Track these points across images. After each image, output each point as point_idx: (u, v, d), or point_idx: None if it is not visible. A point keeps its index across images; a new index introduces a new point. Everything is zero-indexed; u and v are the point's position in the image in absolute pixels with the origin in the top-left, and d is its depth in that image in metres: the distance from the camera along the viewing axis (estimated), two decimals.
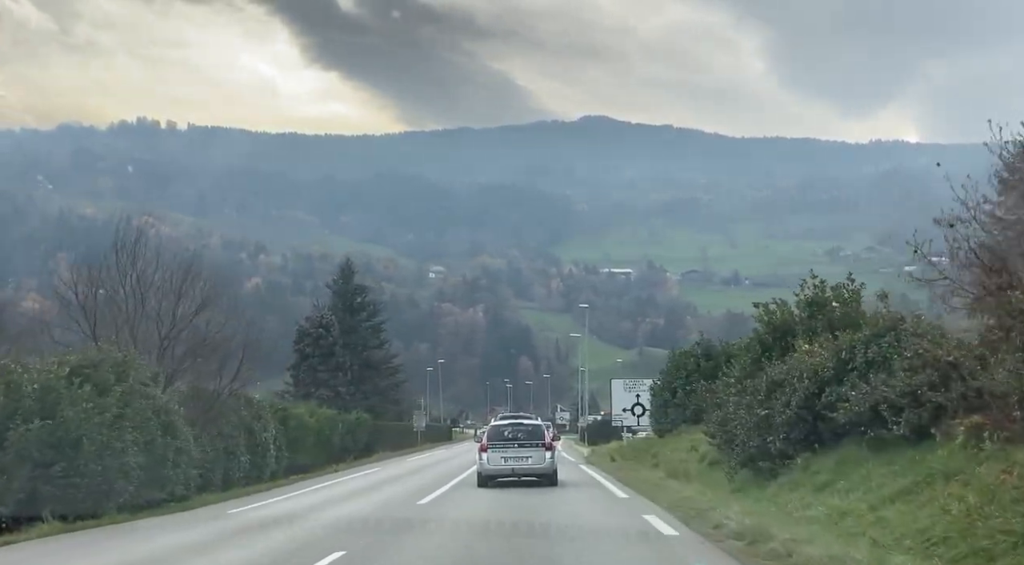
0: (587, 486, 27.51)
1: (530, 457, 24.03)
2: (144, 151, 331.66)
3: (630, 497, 22.80)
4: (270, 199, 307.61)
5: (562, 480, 26.57)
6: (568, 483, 27.07)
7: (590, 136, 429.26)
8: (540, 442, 24.38)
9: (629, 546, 14.18)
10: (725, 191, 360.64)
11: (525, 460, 24.07)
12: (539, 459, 24.13)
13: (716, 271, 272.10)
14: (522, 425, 25.77)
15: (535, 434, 24.74)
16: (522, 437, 24.40)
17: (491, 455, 24.08)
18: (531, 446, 24.19)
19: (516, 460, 24.03)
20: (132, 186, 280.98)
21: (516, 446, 24.07)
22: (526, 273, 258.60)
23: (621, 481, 27.97)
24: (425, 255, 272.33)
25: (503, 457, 23.99)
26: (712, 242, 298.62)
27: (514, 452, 23.98)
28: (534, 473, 24.27)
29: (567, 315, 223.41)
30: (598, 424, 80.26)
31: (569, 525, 16.39)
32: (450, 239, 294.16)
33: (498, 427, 25.62)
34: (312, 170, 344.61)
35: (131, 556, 14.87)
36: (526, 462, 24.10)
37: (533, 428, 25.27)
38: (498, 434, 24.75)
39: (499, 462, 24.07)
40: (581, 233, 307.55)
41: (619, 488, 25.60)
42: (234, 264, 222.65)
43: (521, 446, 24.09)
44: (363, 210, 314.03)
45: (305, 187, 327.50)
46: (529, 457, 24.02)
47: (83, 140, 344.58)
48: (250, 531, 17.22)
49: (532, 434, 24.71)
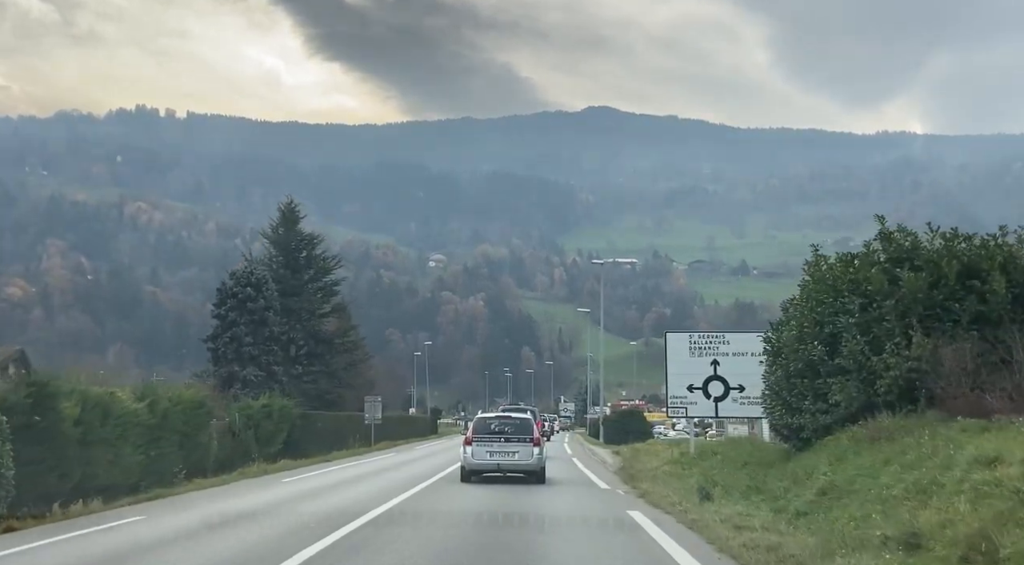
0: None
1: (516, 452, 22.98)
2: (142, 139, 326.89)
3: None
4: (269, 187, 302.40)
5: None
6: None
7: (594, 127, 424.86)
8: (528, 437, 23.20)
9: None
10: (731, 181, 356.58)
11: (511, 455, 23.01)
12: (526, 455, 22.99)
13: (723, 261, 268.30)
14: (510, 418, 24.81)
15: (523, 428, 23.59)
16: (509, 431, 23.31)
17: (476, 449, 23.08)
18: (518, 441, 23.09)
19: (502, 455, 22.99)
20: (128, 173, 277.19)
21: (502, 440, 23.03)
22: (529, 262, 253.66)
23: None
24: (427, 244, 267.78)
25: (488, 451, 22.99)
26: (719, 232, 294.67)
27: (500, 447, 22.96)
28: (520, 469, 23.20)
29: (571, 305, 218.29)
30: (618, 417, 65.87)
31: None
32: (452, 228, 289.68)
33: (484, 420, 24.83)
34: (313, 159, 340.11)
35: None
36: (512, 457, 23.03)
37: (521, 422, 24.12)
38: (484, 427, 23.79)
39: (484, 456, 23.03)
40: (586, 223, 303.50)
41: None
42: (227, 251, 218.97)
43: (508, 440, 23.04)
44: (364, 199, 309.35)
45: (305, 176, 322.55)
46: (516, 452, 22.98)
47: (80, 127, 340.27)
48: None
49: (520, 428, 23.58)
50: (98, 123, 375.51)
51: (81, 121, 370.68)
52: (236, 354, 44.12)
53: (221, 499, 19.67)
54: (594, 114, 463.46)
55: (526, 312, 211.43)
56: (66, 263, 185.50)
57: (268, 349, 45.33)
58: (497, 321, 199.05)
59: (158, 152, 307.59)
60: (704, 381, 28.21)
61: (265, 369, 44.69)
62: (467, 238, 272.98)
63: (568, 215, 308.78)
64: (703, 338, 29.79)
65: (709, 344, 28.88)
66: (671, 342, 29.67)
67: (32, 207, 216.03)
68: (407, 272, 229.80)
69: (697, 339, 29.53)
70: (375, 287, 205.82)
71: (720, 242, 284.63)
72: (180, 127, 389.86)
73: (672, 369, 28.72)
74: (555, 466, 29.02)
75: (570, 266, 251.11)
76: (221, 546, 12.43)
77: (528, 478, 23.23)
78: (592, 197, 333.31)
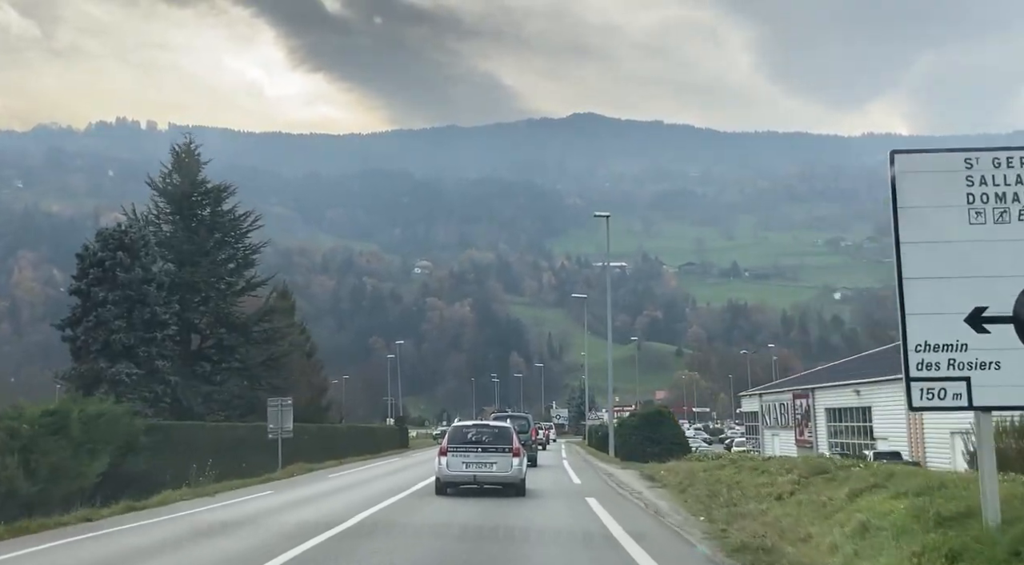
0: None
1: (495, 463, 21.39)
2: (122, 151, 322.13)
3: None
4: (250, 195, 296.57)
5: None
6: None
7: (580, 132, 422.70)
8: (507, 447, 21.59)
9: None
10: (719, 183, 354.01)
11: (489, 467, 21.37)
12: (505, 466, 21.33)
13: (714, 263, 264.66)
14: (488, 427, 23.24)
15: (502, 437, 21.95)
16: (487, 440, 21.74)
17: (451, 459, 21.46)
18: (496, 451, 21.48)
19: (479, 466, 21.35)
20: (107, 184, 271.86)
21: (479, 450, 21.52)
22: (516, 267, 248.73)
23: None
24: (412, 251, 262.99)
25: (464, 462, 21.41)
26: (708, 234, 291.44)
27: (477, 457, 21.41)
28: (498, 481, 21.39)
29: (560, 309, 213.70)
30: (639, 421, 45.30)
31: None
32: (438, 234, 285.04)
33: (461, 428, 23.09)
34: (296, 167, 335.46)
35: None
36: (490, 469, 21.37)
37: (500, 431, 22.44)
38: (460, 436, 22.16)
39: (459, 467, 21.44)
40: (573, 227, 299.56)
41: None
42: None
43: (485, 450, 21.50)
44: (348, 206, 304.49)
45: (288, 184, 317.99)
46: (494, 463, 21.39)
47: (59, 140, 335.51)
48: None
49: (499, 437, 21.94)
50: (77, 136, 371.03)
51: (61, 134, 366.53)
52: (104, 345, 31.39)
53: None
54: (579, 120, 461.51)
55: (514, 317, 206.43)
56: (37, 275, 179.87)
57: (149, 338, 32.31)
58: (484, 327, 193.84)
59: (139, 164, 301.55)
60: None
61: (145, 365, 32.10)
62: (453, 244, 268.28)
63: (555, 219, 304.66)
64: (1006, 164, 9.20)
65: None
66: (906, 181, 9.56)
67: (5, 220, 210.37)
68: (391, 279, 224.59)
69: (989, 167, 9.18)
70: (358, 294, 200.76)
71: (710, 244, 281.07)
72: (162, 139, 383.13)
73: (915, 262, 9.17)
74: (559, 515, 16.88)
75: (559, 270, 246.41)
76: None
77: (507, 490, 21.43)
78: (579, 201, 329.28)
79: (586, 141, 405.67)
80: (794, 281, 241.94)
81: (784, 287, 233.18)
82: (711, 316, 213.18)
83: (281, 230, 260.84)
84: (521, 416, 41.34)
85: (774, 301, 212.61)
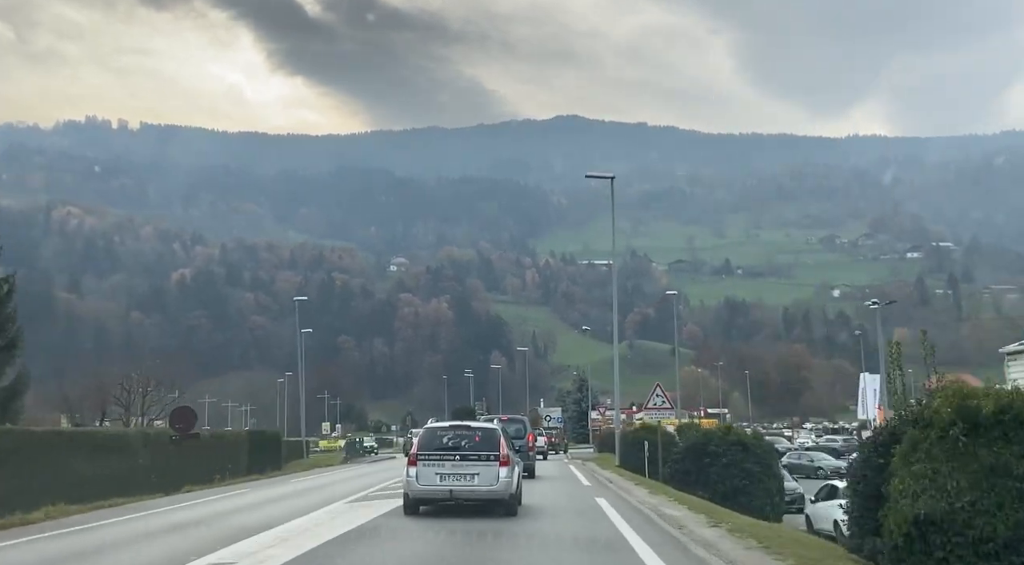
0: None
1: (477, 474, 16.25)
2: (89, 148, 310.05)
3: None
4: (222, 193, 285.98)
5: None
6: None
7: (565, 133, 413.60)
8: (493, 454, 16.42)
9: None
10: (708, 183, 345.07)
11: (470, 479, 16.24)
12: (489, 478, 16.26)
13: (705, 261, 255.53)
14: (468, 429, 17.57)
15: (486, 442, 16.66)
16: (466, 446, 16.52)
17: (422, 470, 16.30)
18: (479, 459, 16.29)
19: (457, 478, 16.25)
20: (68, 181, 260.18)
21: (457, 458, 16.35)
22: (498, 264, 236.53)
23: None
24: (389, 249, 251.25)
25: (438, 473, 16.23)
26: (698, 232, 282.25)
27: (454, 467, 16.27)
28: (481, 497, 16.31)
29: (545, 307, 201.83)
30: (721, 447, 23.16)
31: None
32: (417, 233, 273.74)
33: (434, 431, 17.45)
34: (271, 166, 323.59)
35: None
36: (471, 481, 16.23)
37: (483, 433, 17.07)
38: (434, 441, 16.76)
39: (432, 480, 16.27)
40: (558, 226, 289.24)
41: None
42: (163, 255, 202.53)
43: (465, 458, 16.34)
44: (323, 204, 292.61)
45: (261, 182, 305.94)
46: (475, 474, 16.25)
47: (23, 137, 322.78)
48: None
49: (482, 442, 16.66)
50: (44, 134, 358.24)
51: (26, 132, 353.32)
52: None
53: None
54: (563, 122, 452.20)
55: (495, 314, 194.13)
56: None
57: None
58: (463, 325, 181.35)
59: (106, 161, 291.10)
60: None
61: None
62: (432, 243, 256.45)
63: (540, 218, 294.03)
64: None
65: None
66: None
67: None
68: (364, 276, 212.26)
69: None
70: (326, 291, 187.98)
71: (700, 242, 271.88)
72: (133, 138, 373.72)
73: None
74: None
75: (543, 267, 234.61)
76: None
77: (494, 509, 16.49)
78: (564, 200, 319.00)
79: (571, 142, 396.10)
80: (789, 279, 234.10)
81: (780, 285, 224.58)
82: (706, 314, 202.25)
83: (249, 227, 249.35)
84: (517, 419, 34.05)
85: (770, 299, 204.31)
